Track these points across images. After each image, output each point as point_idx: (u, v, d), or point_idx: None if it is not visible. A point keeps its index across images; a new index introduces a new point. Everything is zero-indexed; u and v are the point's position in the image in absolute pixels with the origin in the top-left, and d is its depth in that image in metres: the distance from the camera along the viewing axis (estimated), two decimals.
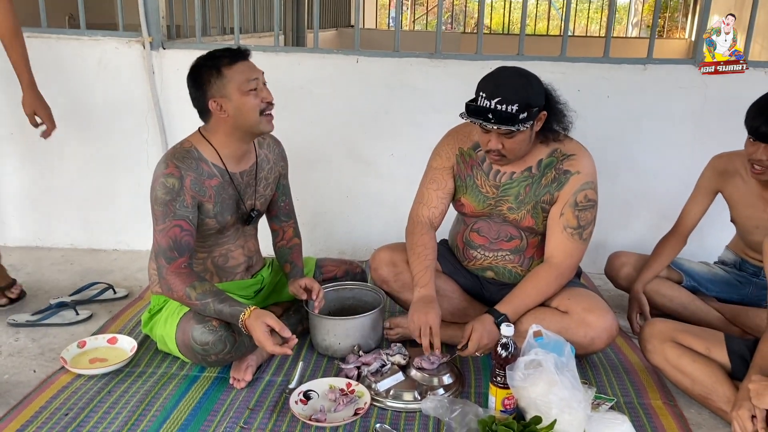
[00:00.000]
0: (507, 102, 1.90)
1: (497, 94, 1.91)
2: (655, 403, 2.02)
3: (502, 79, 1.96)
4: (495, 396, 1.87)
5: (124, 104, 3.09)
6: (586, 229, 2.10)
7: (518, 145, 2.01)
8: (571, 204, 2.08)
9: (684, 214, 2.51)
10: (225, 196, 2.09)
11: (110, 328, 2.40)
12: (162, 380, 2.07)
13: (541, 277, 2.12)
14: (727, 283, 2.51)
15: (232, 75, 1.97)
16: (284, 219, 2.39)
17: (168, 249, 1.97)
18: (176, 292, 1.96)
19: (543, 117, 2.02)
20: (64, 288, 2.75)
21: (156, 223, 1.99)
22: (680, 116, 2.94)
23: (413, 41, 8.96)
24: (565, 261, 2.11)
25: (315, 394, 1.98)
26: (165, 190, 1.97)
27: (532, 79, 1.98)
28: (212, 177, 2.06)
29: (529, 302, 2.10)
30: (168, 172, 1.97)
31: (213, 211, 2.07)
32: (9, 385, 2.05)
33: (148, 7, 3.00)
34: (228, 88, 1.97)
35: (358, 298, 2.42)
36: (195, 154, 2.04)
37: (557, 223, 2.10)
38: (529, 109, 1.93)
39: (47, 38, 3.02)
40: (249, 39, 4.72)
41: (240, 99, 1.98)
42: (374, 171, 3.14)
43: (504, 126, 1.92)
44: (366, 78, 3.02)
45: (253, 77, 1.99)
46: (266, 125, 2.05)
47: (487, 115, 1.92)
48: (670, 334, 2.03)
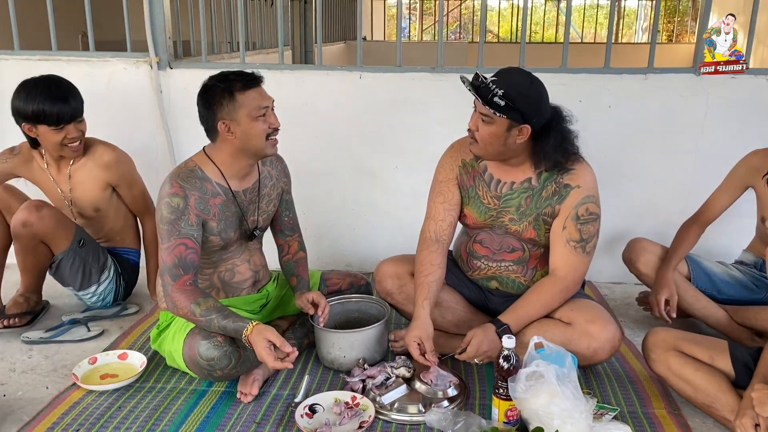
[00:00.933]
0: (498, 85, 1.94)
1: (497, 76, 1.98)
2: (659, 412, 2.03)
3: (514, 71, 2.03)
4: (498, 408, 1.88)
5: (133, 123, 3.15)
6: (589, 243, 2.11)
7: (488, 135, 2.01)
8: (573, 217, 2.10)
9: (710, 203, 2.51)
10: (228, 213, 2.14)
11: (121, 344, 2.45)
12: (171, 395, 2.11)
13: (546, 290, 2.14)
14: (743, 285, 2.48)
15: (244, 101, 2.01)
16: (289, 233, 2.43)
17: (173, 266, 2.01)
18: (181, 309, 1.99)
19: (526, 132, 2.01)
20: (76, 305, 2.80)
21: (162, 241, 2.04)
22: (683, 124, 2.95)
23: (422, 52, 9.02)
24: (569, 274, 2.12)
25: (320, 407, 2.01)
26: (170, 209, 2.01)
27: (534, 90, 2.00)
28: (216, 196, 2.10)
29: (533, 314, 2.12)
30: (172, 192, 2.02)
31: (217, 228, 2.11)
32: (23, 401, 2.10)
33: (155, 28, 3.06)
34: (239, 112, 2.02)
35: (364, 310, 2.44)
36: (199, 174, 2.09)
37: (560, 237, 2.12)
38: (514, 107, 1.94)
39: (58, 60, 3.10)
40: (256, 56, 4.80)
41: (249, 124, 2.03)
42: (379, 184, 3.18)
43: (480, 98, 1.96)
44: (369, 93, 3.06)
45: (264, 105, 2.04)
46: (270, 149, 2.10)
47: (479, 87, 1.97)
48: (674, 342, 2.03)
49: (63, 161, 2.61)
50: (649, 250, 2.55)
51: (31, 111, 2.39)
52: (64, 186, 2.64)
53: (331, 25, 7.88)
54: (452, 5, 14.09)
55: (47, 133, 2.45)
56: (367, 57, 3.25)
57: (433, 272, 2.21)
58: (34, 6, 3.42)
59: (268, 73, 3.02)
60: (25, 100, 2.40)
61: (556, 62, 3.04)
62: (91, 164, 2.62)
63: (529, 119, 1.99)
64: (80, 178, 2.63)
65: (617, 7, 12.41)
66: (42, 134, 2.46)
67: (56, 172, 2.63)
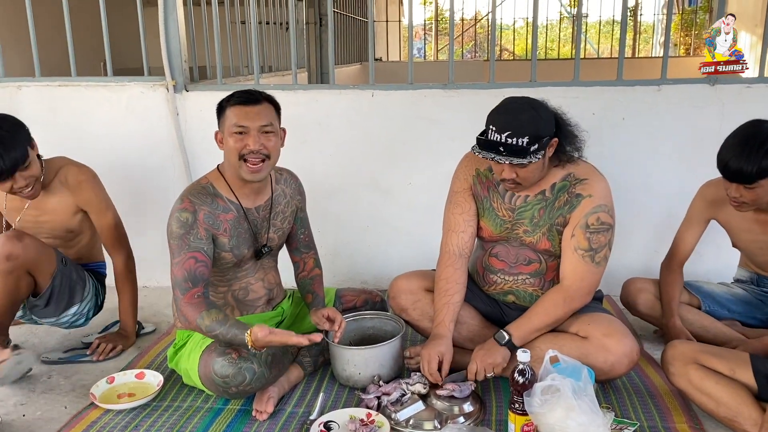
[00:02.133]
0: (517, 135, 1.93)
1: (507, 128, 1.94)
2: (680, 426, 1.99)
3: (511, 111, 1.98)
4: (514, 423, 1.86)
5: (150, 145, 3.20)
6: (599, 252, 2.09)
7: (532, 173, 2.04)
8: (582, 226, 2.08)
9: (678, 244, 2.50)
10: (241, 230, 2.15)
11: (138, 364, 2.47)
12: (187, 413, 2.12)
13: (549, 298, 2.13)
14: (748, 303, 2.47)
15: (227, 114, 2.07)
16: (304, 251, 2.44)
17: (183, 280, 2.03)
18: (190, 322, 2.01)
19: (554, 144, 2.04)
20: (95, 325, 2.82)
21: (172, 257, 2.07)
22: (698, 136, 2.92)
23: (437, 71, 9.06)
24: (575, 284, 2.10)
25: (335, 424, 2.00)
26: (179, 224, 2.05)
27: (540, 110, 2.00)
28: (228, 212, 2.13)
29: (536, 322, 2.10)
30: (182, 207, 2.06)
31: (229, 244, 2.13)
32: (41, 421, 2.12)
33: (171, 52, 3.13)
34: (224, 125, 2.08)
35: (379, 327, 2.44)
36: (210, 190, 2.12)
37: (569, 245, 2.11)
38: (539, 140, 1.95)
39: (77, 86, 3.18)
40: (272, 78, 4.86)
41: (227, 138, 2.07)
42: (393, 200, 3.18)
43: (516, 159, 1.95)
44: (382, 111, 3.09)
45: (240, 123, 2.04)
46: (246, 172, 2.08)
47: (499, 149, 1.95)
48: (693, 356, 1.99)
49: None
50: (645, 290, 2.54)
51: None
52: (31, 211, 2.46)
53: (346, 47, 7.97)
54: (467, 25, 14.18)
55: None
56: (383, 77, 3.29)
57: (458, 291, 2.21)
58: (56, 35, 3.52)
59: (282, 93, 3.09)
60: None
61: (571, 77, 3.04)
62: (59, 187, 2.45)
63: (552, 135, 2.02)
64: (51, 204, 2.45)
65: (633, 22, 12.39)
66: None
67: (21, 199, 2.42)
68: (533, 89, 2.86)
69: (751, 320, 2.47)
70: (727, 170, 2.11)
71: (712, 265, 2.87)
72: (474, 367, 2.08)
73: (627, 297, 2.58)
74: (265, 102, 2.10)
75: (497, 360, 2.08)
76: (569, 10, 13.37)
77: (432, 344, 2.13)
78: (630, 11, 12.16)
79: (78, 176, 2.45)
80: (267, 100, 2.11)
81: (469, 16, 14.41)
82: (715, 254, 2.83)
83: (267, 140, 2.07)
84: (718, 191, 2.34)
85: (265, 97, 2.12)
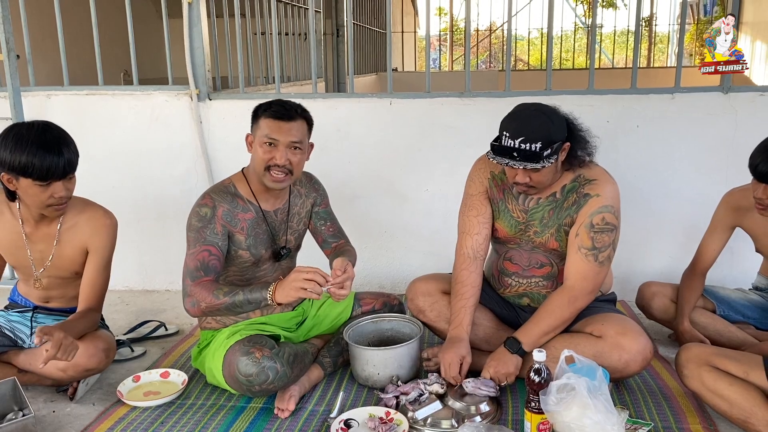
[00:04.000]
0: (530, 140, 1.99)
1: (520, 134, 2.00)
2: (694, 428, 2.02)
3: (523, 118, 2.05)
4: (530, 422, 1.90)
5: (174, 152, 3.29)
6: (602, 252, 2.13)
7: (545, 177, 2.10)
8: (587, 225, 2.13)
9: (702, 252, 2.53)
10: (259, 231, 2.23)
11: (163, 364, 2.54)
12: (211, 411, 2.18)
13: (553, 300, 2.17)
14: (764, 309, 2.50)
15: (261, 124, 2.15)
16: (333, 240, 2.48)
17: (195, 269, 2.10)
18: (204, 300, 2.05)
19: (567, 148, 2.10)
20: (120, 327, 2.90)
21: (188, 248, 2.14)
22: (712, 143, 2.96)
23: (452, 80, 9.16)
24: (578, 283, 2.14)
25: (355, 422, 2.05)
26: (198, 218, 2.14)
27: (551, 115, 2.06)
28: (247, 212, 2.21)
29: (543, 326, 2.14)
30: (203, 203, 2.16)
31: (246, 243, 2.20)
32: (71, 417, 2.19)
33: (195, 62, 3.22)
34: (256, 133, 2.16)
35: (397, 329, 2.49)
36: (232, 190, 2.21)
37: (573, 244, 2.15)
38: (551, 145, 2.01)
39: (104, 95, 3.28)
40: (291, 87, 4.95)
41: (256, 146, 2.15)
42: (411, 206, 3.24)
43: (530, 164, 2.00)
44: (400, 118, 3.15)
45: (272, 136, 2.11)
46: (269, 181, 2.16)
47: (512, 154, 2.01)
48: (707, 358, 2.02)
49: (44, 220, 2.24)
50: (659, 294, 2.57)
51: (18, 162, 2.00)
52: (39, 247, 2.27)
53: (363, 58, 8.06)
54: (482, 35, 14.26)
55: (30, 188, 2.06)
56: (398, 87, 3.35)
57: (474, 294, 2.26)
58: (78, 47, 3.63)
59: (302, 101, 3.14)
60: (12, 148, 2.00)
61: (586, 87, 3.09)
62: (83, 225, 2.27)
63: (564, 139, 2.07)
64: (69, 239, 2.27)
65: (648, 33, 12.39)
66: (23, 189, 2.08)
67: (32, 230, 2.25)
68: (548, 97, 2.89)
69: (767, 326, 2.49)
70: (756, 171, 2.16)
71: (728, 271, 2.89)
72: (488, 375, 2.13)
73: (642, 300, 2.62)
74: (299, 119, 2.16)
75: (510, 369, 2.13)
76: (584, 20, 13.41)
77: (452, 348, 2.17)
78: (645, 21, 12.18)
79: (104, 219, 2.30)
80: (302, 117, 2.17)
81: (483, 27, 14.49)
82: (730, 260, 2.85)
83: (293, 155, 2.15)
84: (742, 198, 2.39)
85: (301, 113, 2.17)
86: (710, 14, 12.11)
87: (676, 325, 2.48)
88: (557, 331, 2.17)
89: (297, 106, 2.19)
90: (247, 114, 2.25)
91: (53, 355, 1.95)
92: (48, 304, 2.41)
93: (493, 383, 2.12)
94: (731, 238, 2.52)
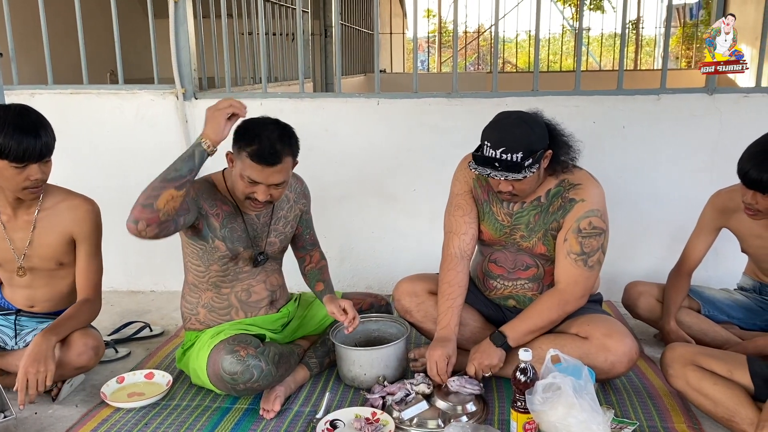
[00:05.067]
0: (511, 151, 1.98)
1: (501, 144, 2.00)
2: (679, 427, 2.03)
3: (505, 127, 2.04)
4: (516, 421, 1.90)
5: (160, 152, 3.23)
6: (591, 257, 2.13)
7: (528, 185, 2.10)
8: (574, 230, 2.13)
9: (689, 252, 2.54)
10: (235, 225, 2.20)
11: (147, 365, 2.52)
12: (196, 412, 2.16)
13: (544, 301, 2.18)
14: (749, 309, 2.51)
15: (245, 160, 2.03)
16: (309, 248, 2.50)
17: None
18: (144, 195, 1.91)
19: (549, 155, 2.09)
20: (105, 328, 2.87)
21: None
22: (697, 144, 2.98)
23: (440, 82, 9.18)
24: (569, 287, 2.15)
25: (341, 422, 2.04)
26: None
27: (532, 124, 2.06)
28: (225, 203, 2.19)
29: (530, 324, 2.15)
30: None
31: (220, 232, 2.17)
32: (53, 418, 2.16)
33: (181, 61, 3.20)
34: (238, 162, 2.07)
35: (383, 330, 2.48)
36: (211, 182, 2.21)
37: (561, 249, 2.16)
38: (533, 155, 2.01)
39: (88, 93, 3.25)
40: (278, 87, 4.93)
41: (237, 175, 2.07)
42: (398, 207, 3.24)
43: (511, 174, 2.00)
44: (387, 118, 3.15)
45: (255, 179, 2.03)
46: (248, 207, 2.17)
47: (494, 164, 2.01)
48: (692, 357, 2.03)
49: (22, 206, 2.21)
50: (645, 293, 2.58)
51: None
52: (19, 235, 2.23)
53: (350, 58, 8.06)
54: (470, 38, 14.30)
55: (6, 169, 2.04)
56: (387, 88, 3.35)
57: (461, 294, 2.26)
58: (63, 46, 3.59)
59: (290, 101, 3.16)
60: None
61: (573, 89, 3.10)
62: (63, 213, 2.25)
63: (546, 147, 2.07)
64: (46, 227, 2.23)
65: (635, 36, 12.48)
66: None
67: (9, 219, 2.22)
68: (535, 98, 2.92)
69: (751, 326, 2.50)
70: (747, 178, 2.15)
71: (713, 271, 2.90)
72: (472, 368, 2.14)
73: (628, 300, 2.63)
74: (285, 159, 2.04)
75: (493, 361, 2.14)
76: (571, 23, 13.49)
77: (439, 347, 2.17)
78: (632, 24, 12.27)
79: (85, 206, 2.28)
80: (289, 155, 2.06)
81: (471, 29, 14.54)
82: (715, 261, 2.86)
83: (275, 191, 2.10)
84: (728, 200, 2.40)
85: (288, 152, 2.06)
86: (696, 17, 12.23)
87: (663, 325, 2.49)
88: (543, 331, 2.18)
89: (284, 143, 2.04)
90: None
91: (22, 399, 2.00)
92: (33, 308, 2.36)
93: (477, 382, 2.12)
94: (717, 239, 2.54)
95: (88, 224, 2.28)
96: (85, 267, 2.30)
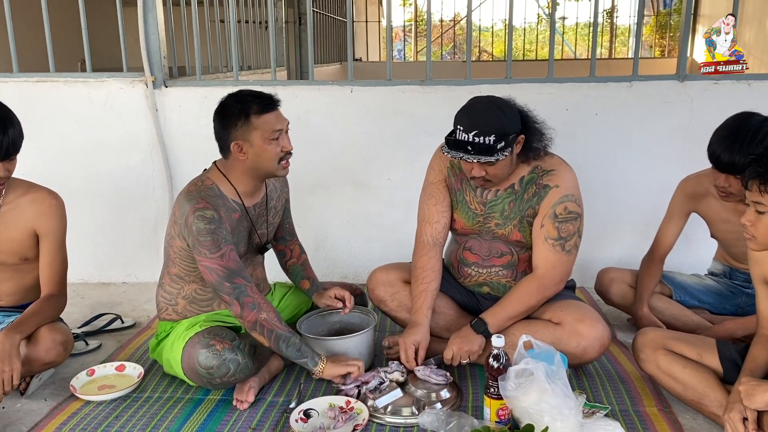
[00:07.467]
0: (483, 134, 1.98)
1: (473, 127, 1.99)
2: (650, 410, 2.05)
3: (477, 111, 2.05)
4: (490, 407, 1.91)
5: (129, 141, 3.21)
6: (569, 241, 2.15)
7: (501, 170, 2.10)
8: (551, 216, 2.14)
9: (660, 238, 2.56)
10: (241, 228, 2.18)
11: (119, 357, 2.48)
12: (168, 404, 2.14)
13: (522, 287, 2.18)
14: (719, 294, 2.55)
15: (259, 124, 2.05)
16: (289, 238, 2.48)
17: (240, 269, 2.04)
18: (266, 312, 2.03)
19: (521, 140, 2.09)
20: (75, 321, 2.83)
21: (210, 252, 2.01)
22: (669, 131, 3.01)
23: (416, 70, 9.12)
24: (547, 272, 2.16)
25: (315, 412, 2.03)
26: (206, 220, 2.00)
27: (505, 108, 2.06)
28: (234, 212, 2.14)
29: (510, 310, 2.16)
30: (202, 206, 2.02)
31: (232, 240, 2.12)
32: (21, 413, 2.12)
33: (150, 48, 3.14)
34: (253, 135, 2.05)
35: (345, 321, 2.43)
36: (216, 191, 2.11)
37: (539, 235, 2.16)
38: (505, 138, 2.01)
39: (55, 82, 3.17)
40: (251, 75, 4.88)
41: (262, 146, 2.06)
42: (373, 195, 3.23)
43: (483, 157, 2.00)
44: (361, 106, 3.13)
45: (278, 128, 2.07)
46: (281, 171, 2.14)
47: (467, 148, 2.01)
48: (662, 342, 2.06)
49: None
50: (617, 279, 2.61)
51: None
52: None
53: (326, 47, 7.99)
54: (446, 26, 14.28)
55: None
56: (362, 77, 3.33)
57: (434, 279, 2.26)
58: (31, 35, 3.50)
59: (262, 89, 3.06)
60: None
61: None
62: (26, 207, 2.19)
63: (518, 132, 2.07)
64: (9, 222, 2.17)
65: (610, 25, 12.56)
66: None
67: None
68: (509, 86, 2.92)
69: (721, 310, 2.54)
70: (718, 162, 2.16)
71: (684, 257, 2.94)
72: (450, 353, 2.14)
73: (600, 286, 2.65)
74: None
75: (473, 347, 2.14)
76: (547, 12, 13.52)
77: (409, 332, 2.18)
78: (606, 14, 12.34)
79: (49, 200, 2.22)
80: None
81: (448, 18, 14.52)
82: (686, 247, 2.90)
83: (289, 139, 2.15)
84: (697, 185, 2.42)
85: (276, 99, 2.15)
86: (669, 6, 12.34)
87: (635, 311, 2.52)
88: (522, 317, 2.19)
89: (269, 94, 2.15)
90: (204, 102, 2.20)
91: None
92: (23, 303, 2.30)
93: (444, 372, 2.12)
94: (687, 225, 2.56)
95: (51, 219, 2.22)
96: (48, 262, 2.25)
